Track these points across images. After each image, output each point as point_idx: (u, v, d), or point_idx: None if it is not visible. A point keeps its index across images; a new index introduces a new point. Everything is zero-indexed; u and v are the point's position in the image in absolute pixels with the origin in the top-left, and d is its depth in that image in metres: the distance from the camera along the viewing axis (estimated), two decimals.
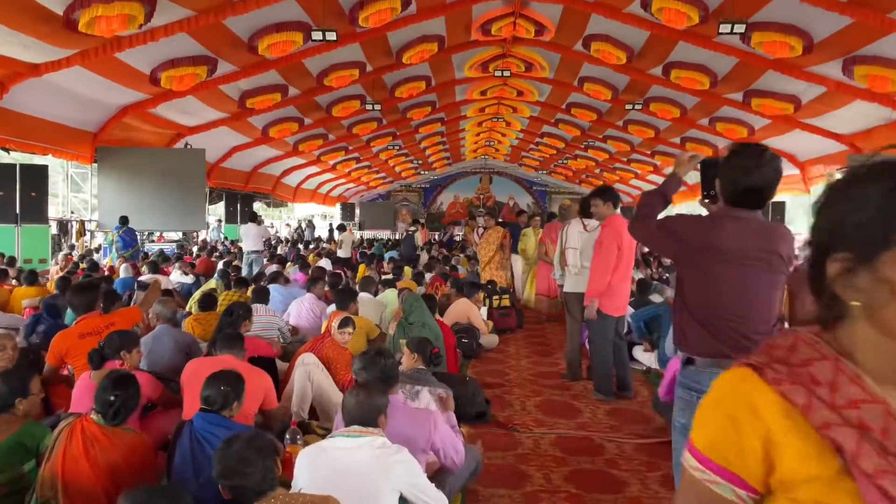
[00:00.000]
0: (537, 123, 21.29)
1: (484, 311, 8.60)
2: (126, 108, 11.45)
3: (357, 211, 31.70)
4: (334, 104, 14.98)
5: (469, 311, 7.79)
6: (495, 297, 9.15)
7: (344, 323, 5.10)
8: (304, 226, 23.62)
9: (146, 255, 11.76)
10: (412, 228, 14.54)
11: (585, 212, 6.46)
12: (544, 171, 30.85)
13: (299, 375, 4.62)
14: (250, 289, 7.09)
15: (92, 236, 12.62)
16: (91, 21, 7.30)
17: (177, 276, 9.41)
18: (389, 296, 7.57)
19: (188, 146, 13.11)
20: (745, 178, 2.51)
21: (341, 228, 13.96)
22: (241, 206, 18.97)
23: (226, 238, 16.98)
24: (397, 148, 22.78)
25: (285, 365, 5.23)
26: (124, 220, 11.04)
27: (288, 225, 26.73)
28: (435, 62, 14.06)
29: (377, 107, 14.49)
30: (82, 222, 12.25)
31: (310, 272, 8.88)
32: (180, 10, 8.40)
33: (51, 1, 7.26)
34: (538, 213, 11.27)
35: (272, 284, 7.86)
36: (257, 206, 27.36)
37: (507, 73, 14.21)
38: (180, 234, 15.21)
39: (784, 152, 15.99)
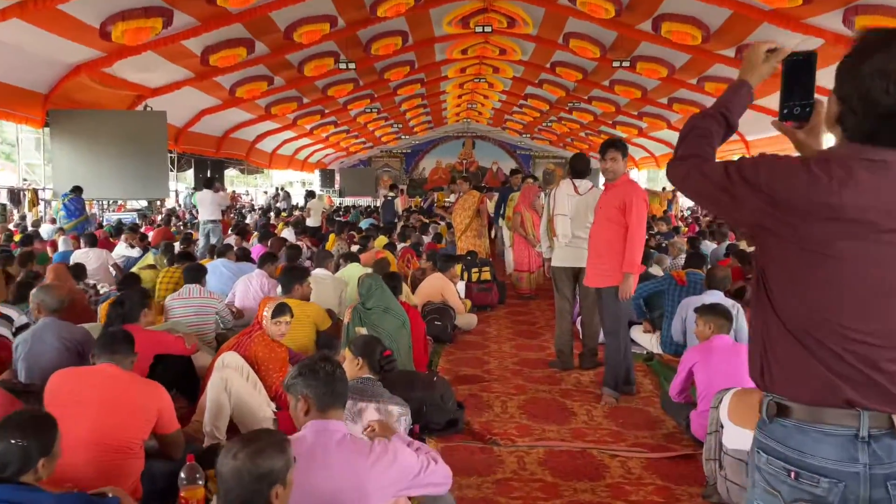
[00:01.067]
0: (521, 84, 20.55)
1: (462, 286, 7.73)
2: (79, 66, 10.60)
3: (337, 177, 30.93)
4: (306, 62, 14.16)
5: (443, 287, 6.93)
6: (474, 269, 8.27)
7: (279, 310, 4.14)
8: (280, 193, 22.75)
9: (100, 226, 10.90)
10: (391, 194, 13.57)
11: (576, 171, 5.64)
12: (528, 135, 30.16)
13: (214, 384, 3.67)
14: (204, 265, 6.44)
15: (47, 206, 11.83)
16: None
17: (121, 250, 8.51)
18: (352, 271, 6.54)
19: (148, 108, 12.27)
20: (889, 92, 1.39)
21: (310, 195, 12.86)
22: (211, 173, 18.13)
23: (193, 207, 16.24)
24: (376, 111, 21.93)
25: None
26: (76, 190, 10.31)
27: (265, 193, 25.86)
28: (412, 17, 13.28)
29: (351, 65, 13.70)
30: (34, 191, 11.44)
31: (269, 244, 8.21)
32: None
33: None
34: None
35: (220, 259, 7.01)
36: (231, 174, 26.49)
37: (488, 29, 13.44)
38: (145, 204, 14.37)
39: (775, 111, 15.48)
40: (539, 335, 7.13)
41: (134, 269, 6.92)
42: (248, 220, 13.41)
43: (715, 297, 5.23)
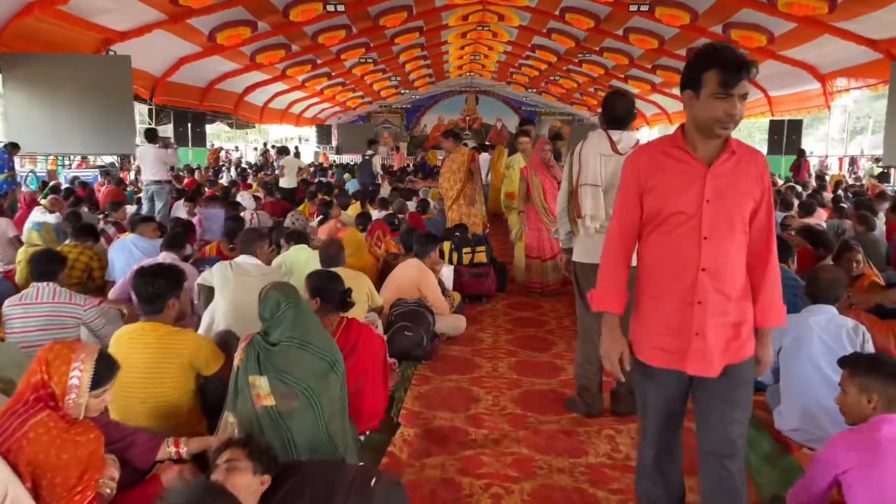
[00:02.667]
0: (527, 34, 19.18)
1: (449, 272, 6.06)
2: (31, 3, 9.39)
3: (334, 133, 29.75)
4: (292, 6, 12.89)
5: (420, 279, 5.14)
6: (466, 249, 6.49)
7: (104, 369, 2.34)
8: (270, 150, 21.53)
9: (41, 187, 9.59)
10: (369, 152, 11.60)
11: (614, 118, 3.63)
12: (534, 90, 28.76)
13: None
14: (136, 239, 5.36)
15: None
16: None
17: (37, 216, 7.00)
18: (298, 259, 4.90)
19: (110, 53, 11.06)
20: None
21: (282, 151, 10.99)
22: (192, 127, 16.96)
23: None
24: (372, 62, 20.65)
25: None
26: (12, 146, 9.21)
27: (255, 149, 24.63)
28: None
29: (340, 7, 12.43)
30: None
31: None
32: None
33: None
34: (528, 133, 7.43)
35: (132, 235, 5.47)
36: (216, 128, 25.15)
37: None
38: (115, 159, 13.18)
39: (804, 63, 14.27)
40: (550, 345, 5.28)
41: (20, 251, 5.68)
42: (222, 181, 12.19)
43: (822, 315, 3.32)
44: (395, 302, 4.99)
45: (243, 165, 17.63)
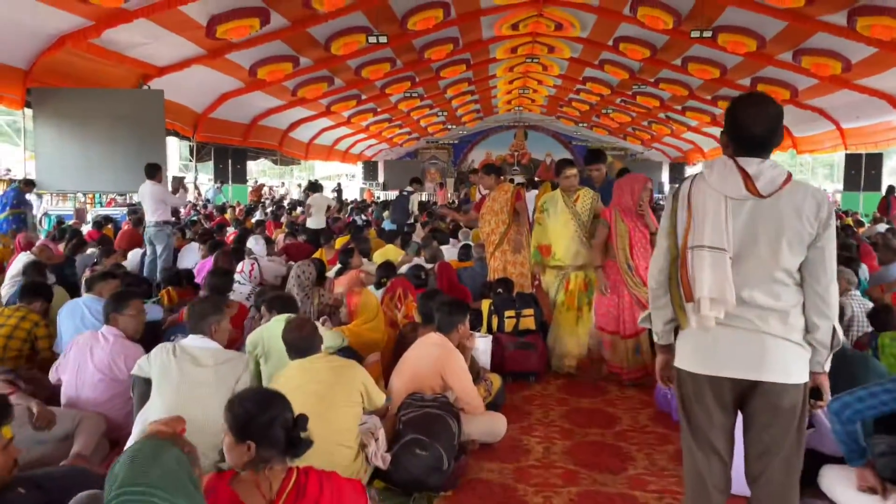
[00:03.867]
0: (578, 66, 18.46)
1: (485, 344, 4.65)
2: (63, 37, 9.14)
3: (381, 169, 29.54)
4: (333, 39, 12.48)
5: (444, 364, 3.73)
6: (508, 312, 5.08)
7: None
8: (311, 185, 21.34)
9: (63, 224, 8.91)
10: (408, 189, 10.52)
11: (750, 139, 2.19)
12: (584, 124, 27.93)
13: None
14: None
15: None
16: None
17: (18, 265, 5.78)
18: (272, 332, 3.63)
19: (143, 86, 10.75)
20: None
21: (313, 188, 9.78)
22: (232, 164, 16.70)
23: (207, 202, 14.63)
24: (419, 97, 20.21)
25: None
26: (28, 183, 8.76)
27: (298, 186, 24.39)
28: None
29: (383, 39, 11.92)
30: (9, 182, 10.02)
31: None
32: None
33: None
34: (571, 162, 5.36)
35: (88, 295, 4.39)
36: (260, 164, 24.95)
37: None
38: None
39: (883, 93, 13.15)
40: (625, 460, 3.68)
41: None
42: (255, 218, 11.59)
43: None
44: (407, 399, 3.56)
45: (283, 203, 16.92)
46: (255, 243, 7.07)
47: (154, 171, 7.45)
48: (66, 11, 8.55)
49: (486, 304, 5.11)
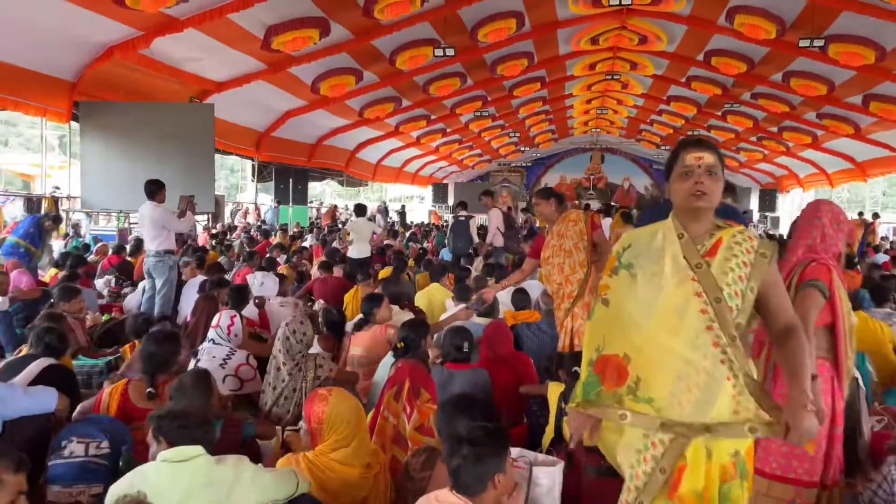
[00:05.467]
0: (663, 84, 17.11)
1: (548, 478, 2.56)
2: (112, 47, 8.71)
3: (451, 192, 28.81)
4: (398, 52, 11.72)
5: None
6: None
7: None
8: (383, 207, 20.54)
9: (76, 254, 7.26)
10: (462, 214, 9.00)
11: None
12: (667, 147, 26.28)
13: None
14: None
15: (67, 217, 9.99)
16: None
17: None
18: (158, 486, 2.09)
19: (193, 101, 10.23)
20: None
21: (359, 210, 8.46)
22: (294, 184, 16.17)
23: (262, 223, 14.01)
24: (490, 117, 19.31)
25: None
26: (54, 220, 7.49)
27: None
28: None
29: (450, 51, 11.08)
30: (53, 199, 9.58)
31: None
32: None
33: None
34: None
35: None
36: (325, 186, 24.28)
37: (626, 1, 10.36)
38: (204, 219, 12.22)
39: None
40: None
41: None
42: (306, 243, 10.73)
43: None
44: None
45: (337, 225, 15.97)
46: (260, 281, 5.47)
47: (155, 190, 6.24)
48: (113, 20, 8.08)
49: (554, 392, 3.30)
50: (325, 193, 34.47)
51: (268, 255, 6.91)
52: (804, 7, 9.94)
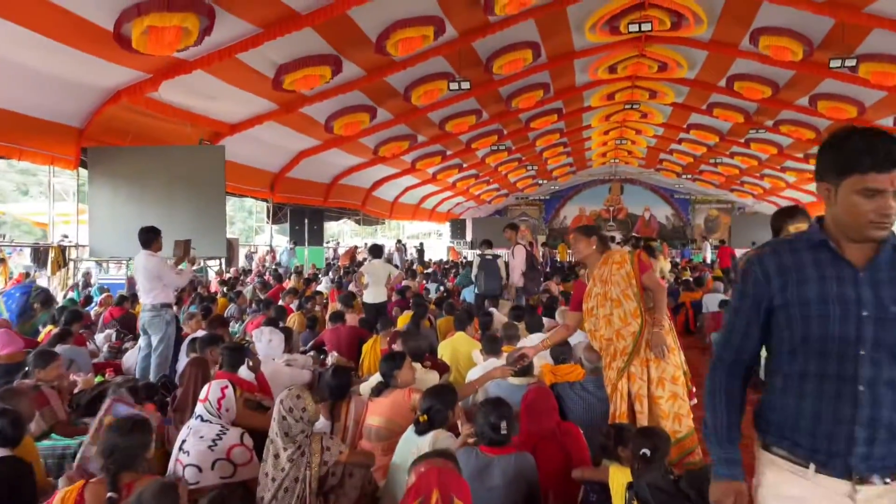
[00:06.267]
0: (683, 112, 16.74)
1: None
2: (120, 91, 8.52)
3: (468, 228, 28.50)
4: (413, 87, 11.48)
5: None
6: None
7: None
8: (401, 246, 20.17)
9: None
10: (489, 253, 8.21)
11: None
12: (688, 176, 25.82)
13: None
14: None
15: (75, 267, 9.69)
16: None
17: None
18: None
19: (203, 143, 9.98)
20: None
21: (374, 252, 7.76)
22: (309, 224, 15.88)
23: (277, 265, 13.60)
24: (507, 151, 19.02)
25: None
26: (45, 303, 6.60)
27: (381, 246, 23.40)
28: (543, 18, 10.20)
29: (465, 85, 10.81)
30: (59, 248, 9.29)
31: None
32: None
33: None
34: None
35: None
36: (341, 225, 23.64)
37: (646, 27, 10.04)
38: (216, 264, 11.77)
39: None
40: None
41: None
42: (321, 286, 10.27)
43: None
44: None
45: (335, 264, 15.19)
46: (268, 338, 4.60)
47: (150, 239, 5.58)
48: (119, 65, 7.89)
49: (618, 478, 2.67)
50: (342, 233, 34.28)
51: (279, 304, 6.40)
52: (833, 26, 9.55)
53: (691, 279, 11.58)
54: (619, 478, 2.65)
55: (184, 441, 2.97)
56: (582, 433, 3.18)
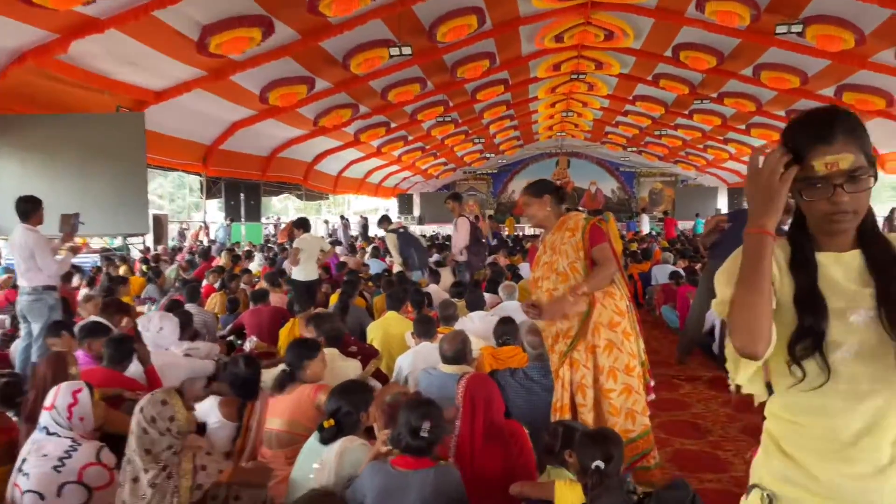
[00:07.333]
0: (629, 83, 16.57)
1: None
2: (26, 52, 7.71)
3: (416, 202, 28.09)
4: (352, 55, 10.90)
5: None
6: None
7: None
8: (336, 225, 19.51)
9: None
10: (399, 226, 7.72)
11: None
12: (633, 149, 25.88)
13: None
14: None
15: None
16: None
17: None
18: None
19: (121, 110, 9.23)
20: None
21: (300, 225, 7.12)
22: (245, 199, 15.17)
23: (211, 242, 12.82)
24: (453, 123, 18.57)
25: None
26: None
27: (325, 222, 22.77)
28: None
29: (406, 50, 10.31)
30: None
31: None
32: None
33: None
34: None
35: None
36: (283, 201, 22.90)
37: None
38: (115, 242, 10.76)
39: None
40: None
41: None
42: (253, 264, 9.63)
43: None
44: None
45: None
46: (158, 326, 3.87)
47: (29, 210, 4.78)
48: (22, 22, 7.11)
49: (566, 497, 2.14)
50: (287, 209, 33.36)
51: (192, 284, 5.76)
52: None
53: (639, 251, 11.47)
54: (567, 498, 2.12)
55: (24, 461, 2.37)
56: (527, 434, 2.65)
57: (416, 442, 2.23)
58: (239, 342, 4.62)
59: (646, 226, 21.79)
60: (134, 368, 3.29)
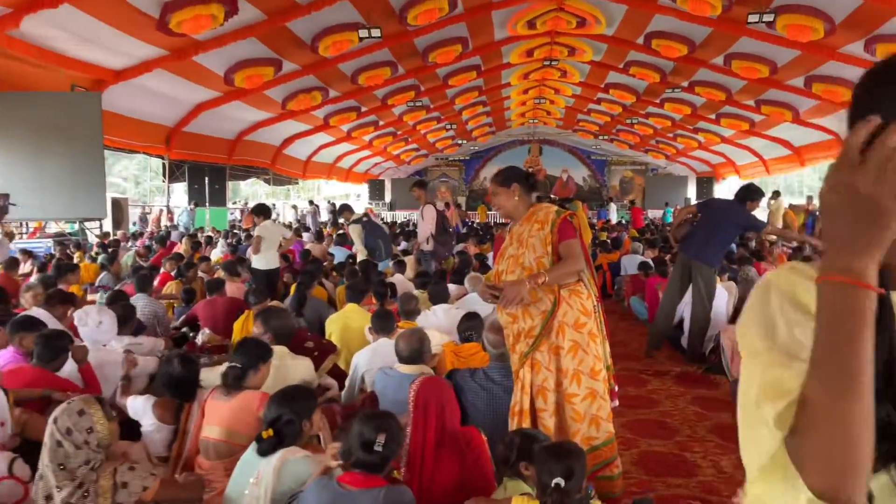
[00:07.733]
0: (601, 71, 16.52)
1: None
2: None
3: (388, 188, 27.81)
4: (320, 37, 10.64)
5: None
6: None
7: None
8: (305, 211, 19.11)
9: None
10: (358, 218, 7.49)
11: None
12: (605, 137, 25.92)
13: None
14: None
15: None
16: None
17: None
18: None
19: (77, 89, 8.87)
20: None
21: (260, 211, 6.77)
22: (210, 183, 14.81)
23: (173, 227, 12.41)
24: (424, 108, 18.36)
25: None
26: None
27: (293, 207, 22.41)
28: None
29: (375, 32, 10.10)
30: None
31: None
32: None
33: None
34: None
35: None
36: (251, 186, 22.52)
37: None
38: (72, 227, 10.34)
39: None
40: None
41: None
42: (215, 254, 9.36)
43: None
44: None
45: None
46: (97, 320, 3.58)
47: None
48: None
49: None
50: (257, 194, 32.83)
51: (143, 273, 5.48)
52: None
53: (608, 240, 11.43)
54: None
55: None
56: (485, 441, 2.46)
57: (369, 457, 2.04)
58: (192, 335, 4.43)
59: (614, 215, 21.87)
60: (70, 367, 3.08)
